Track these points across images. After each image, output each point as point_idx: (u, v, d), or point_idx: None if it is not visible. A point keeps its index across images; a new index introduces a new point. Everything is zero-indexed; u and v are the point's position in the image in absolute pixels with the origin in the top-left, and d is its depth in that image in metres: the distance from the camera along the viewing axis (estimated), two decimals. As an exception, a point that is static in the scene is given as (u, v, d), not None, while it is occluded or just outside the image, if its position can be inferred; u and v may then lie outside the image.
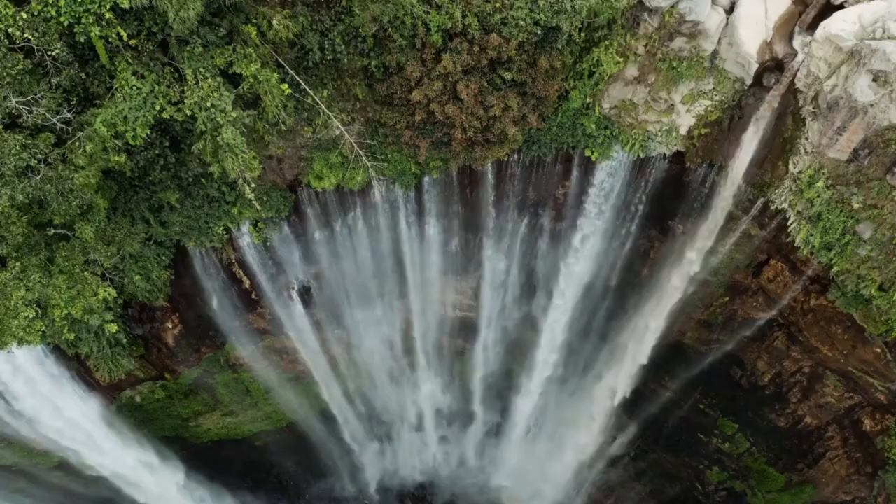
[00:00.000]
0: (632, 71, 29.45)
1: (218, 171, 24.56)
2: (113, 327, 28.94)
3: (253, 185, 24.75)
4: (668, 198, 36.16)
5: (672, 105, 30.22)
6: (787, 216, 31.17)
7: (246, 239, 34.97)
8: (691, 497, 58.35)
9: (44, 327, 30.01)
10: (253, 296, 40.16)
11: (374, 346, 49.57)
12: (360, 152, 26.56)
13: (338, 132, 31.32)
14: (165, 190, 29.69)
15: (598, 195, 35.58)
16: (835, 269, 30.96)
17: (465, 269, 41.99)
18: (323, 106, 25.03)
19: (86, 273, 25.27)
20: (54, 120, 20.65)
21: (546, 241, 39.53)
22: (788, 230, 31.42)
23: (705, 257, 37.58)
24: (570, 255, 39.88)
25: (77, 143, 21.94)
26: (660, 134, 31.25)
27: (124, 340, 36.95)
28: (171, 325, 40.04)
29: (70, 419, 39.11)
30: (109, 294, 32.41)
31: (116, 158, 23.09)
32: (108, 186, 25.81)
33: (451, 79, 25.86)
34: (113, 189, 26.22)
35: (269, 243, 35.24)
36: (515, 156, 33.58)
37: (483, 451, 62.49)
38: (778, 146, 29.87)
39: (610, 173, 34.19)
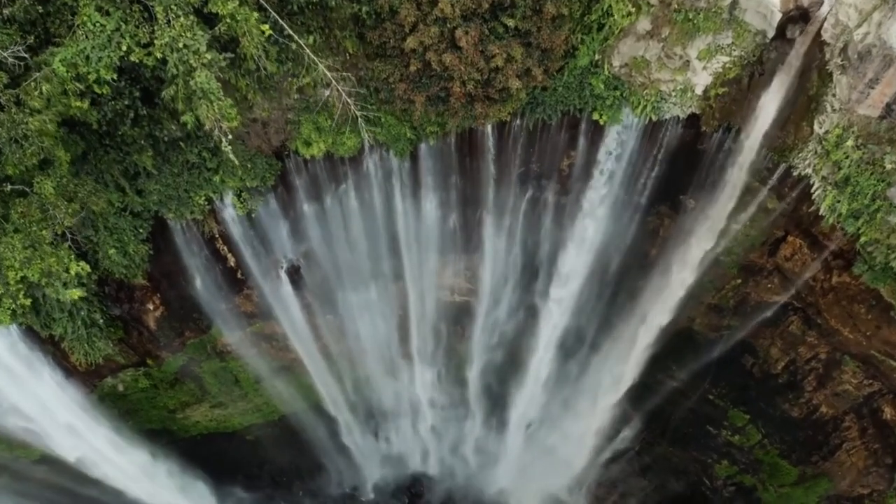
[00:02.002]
0: (644, 24, 27.28)
1: (191, 120, 22.32)
2: (75, 293, 26.59)
3: (230, 136, 22.47)
4: (680, 169, 33.98)
5: (687, 62, 28.06)
6: (811, 182, 29.02)
7: (229, 211, 32.72)
8: (698, 492, 56.24)
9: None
10: (239, 275, 37.90)
11: (368, 333, 47.30)
12: (350, 101, 24.27)
13: (328, 93, 29.20)
14: (140, 152, 27.48)
15: (606, 166, 33.41)
16: (862, 239, 28.85)
17: (464, 248, 39.76)
18: (308, 51, 22.76)
19: (44, 232, 22.97)
20: (5, 54, 18.39)
21: (550, 218, 37.32)
22: (812, 197, 29.23)
23: (718, 235, 35.50)
24: (576, 232, 37.69)
25: (33, 84, 19.73)
26: (674, 94, 29.09)
27: (101, 321, 34.67)
28: (152, 307, 37.76)
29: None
30: (83, 269, 30.18)
31: (78, 104, 20.85)
32: (74, 141, 23.59)
33: (448, 24, 23.69)
34: (79, 145, 23.98)
35: (254, 216, 33.00)
36: (518, 121, 31.39)
37: (482, 445, 60.17)
38: (802, 105, 27.70)
39: (619, 141, 31.98)
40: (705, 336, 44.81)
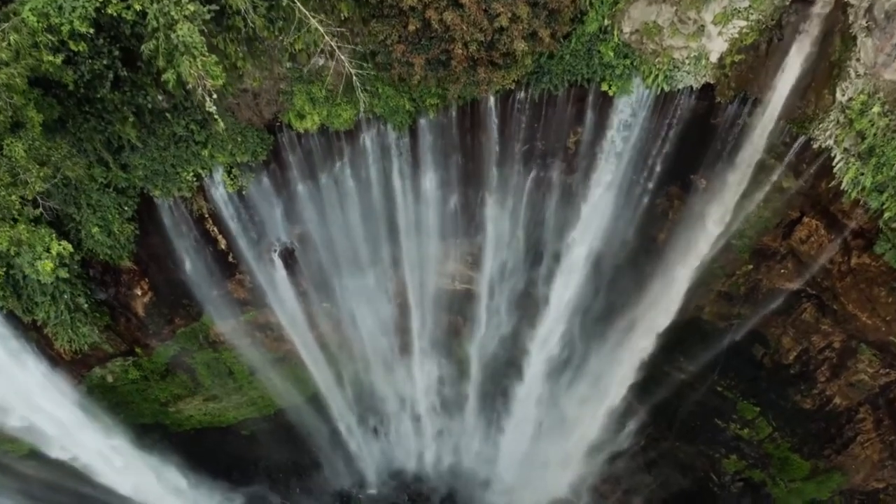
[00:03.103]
0: (656, -14, 25.77)
1: (173, 78, 20.75)
2: (47, 265, 25.01)
3: (215, 96, 20.90)
4: (692, 146, 32.44)
5: (702, 27, 26.54)
6: (832, 155, 27.52)
7: (219, 189, 31.18)
8: (705, 488, 54.70)
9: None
10: (230, 258, 36.32)
11: (366, 322, 45.75)
12: (343, 57, 22.66)
13: (322, 62, 27.68)
14: (123, 122, 25.93)
15: (614, 142, 31.87)
16: (886, 215, 27.39)
17: (465, 231, 38.18)
18: (299, 4, 21.18)
19: (13, 197, 21.39)
20: (-33, -1, 16.92)
21: (555, 199, 35.76)
22: (833, 171, 27.67)
23: (730, 217, 33.95)
24: (581, 215, 36.15)
25: (0, 35, 18.17)
26: (687, 62, 27.56)
27: (85, 305, 33.11)
28: (139, 292, 36.19)
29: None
30: (64, 248, 28.72)
31: (50, 59, 19.30)
32: (49, 105, 22.04)
33: (450, -21, 22.10)
34: (55, 109, 22.44)
35: (245, 193, 31.45)
36: (523, 93, 29.86)
37: (484, 441, 58.58)
38: (823, 71, 26.20)
39: (629, 114, 30.43)
40: (714, 325, 43.33)
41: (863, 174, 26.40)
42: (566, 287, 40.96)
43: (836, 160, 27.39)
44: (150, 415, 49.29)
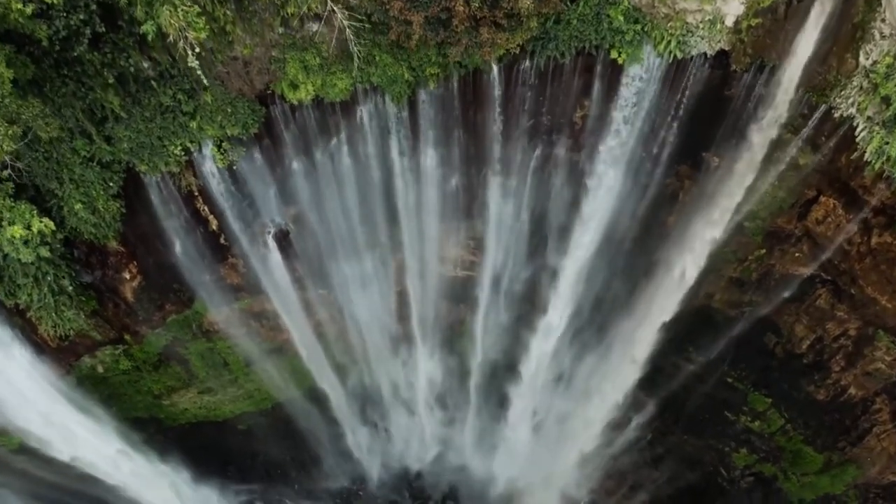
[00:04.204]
0: (669, -56, 24.33)
1: (152, 30, 19.37)
2: (17, 230, 23.57)
3: (198, 49, 19.49)
4: (704, 121, 31.02)
5: (717, -12, 25.07)
6: (855, 124, 26.08)
7: (209, 165, 29.77)
8: (714, 483, 53.29)
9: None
10: (222, 240, 34.90)
11: (365, 311, 44.31)
12: (335, 8, 21.20)
13: (316, 28, 26.28)
14: (105, 88, 24.50)
15: (623, 115, 30.40)
16: (912, 187, 25.84)
17: (467, 213, 36.73)
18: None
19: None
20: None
21: (561, 178, 34.26)
22: (856, 141, 26.21)
23: (743, 198, 32.51)
24: (588, 196, 34.68)
25: (-37, -21, 16.82)
26: (701, 26, 26.11)
27: (70, 288, 31.69)
28: (128, 276, 34.79)
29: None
30: (46, 226, 27.38)
31: (19, 7, 17.89)
32: (23, 63, 20.61)
33: (451, -71, 20.68)
34: (29, 68, 21.01)
35: (236, 168, 30.01)
36: (527, 62, 28.38)
37: (486, 434, 57.11)
38: (846, 34, 24.74)
39: (638, 86, 28.97)
40: (725, 314, 41.95)
41: (888, 143, 24.97)
42: (572, 272, 39.50)
43: (858, 129, 25.99)
44: (143, 408, 47.97)
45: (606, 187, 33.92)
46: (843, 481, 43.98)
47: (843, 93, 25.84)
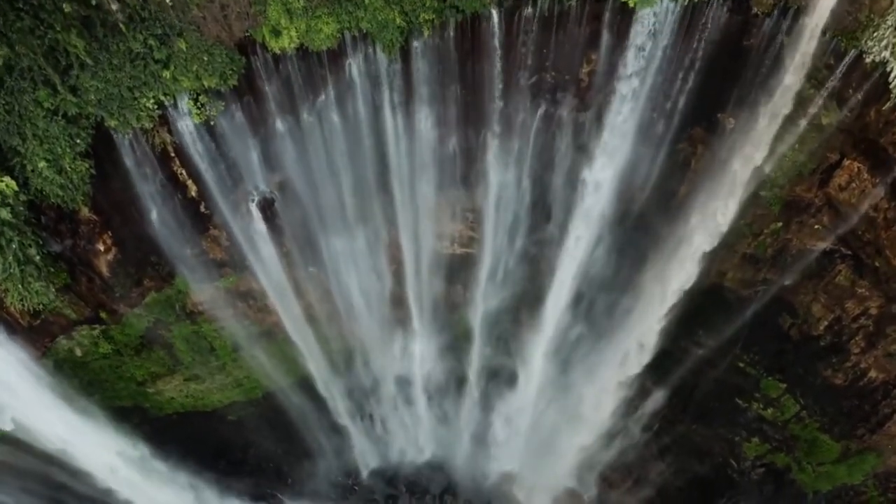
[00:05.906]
0: None
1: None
2: None
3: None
4: (720, 77, 28.96)
5: (739, -82, 22.86)
6: (889, 69, 23.81)
7: (185, 121, 27.46)
8: (723, 475, 51.09)
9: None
10: (202, 208, 32.67)
11: (357, 291, 42.04)
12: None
13: (299, -34, 23.93)
14: (68, 30, 22.22)
15: (633, 69, 28.16)
16: (952, 138, 23.62)
17: (465, 180, 34.51)
18: None
19: None
20: None
21: (565, 141, 32.00)
22: (889, 88, 23.94)
23: (761, 163, 30.31)
24: (595, 161, 32.44)
25: None
26: (720, -38, 23.86)
27: (37, 258, 29.39)
28: (102, 247, 32.52)
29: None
30: (7, 185, 25.10)
31: None
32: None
33: None
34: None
35: (214, 125, 27.71)
36: (530, 8, 26.13)
37: (483, 425, 54.93)
38: (881, -33, 22.51)
39: (650, 34, 26.72)
40: (737, 294, 39.90)
41: (926, 87, 22.72)
42: (576, 248, 37.32)
43: (893, 75, 23.71)
44: (127, 396, 45.87)
45: (614, 151, 31.67)
46: (861, 471, 42.00)
47: (875, 34, 23.75)
